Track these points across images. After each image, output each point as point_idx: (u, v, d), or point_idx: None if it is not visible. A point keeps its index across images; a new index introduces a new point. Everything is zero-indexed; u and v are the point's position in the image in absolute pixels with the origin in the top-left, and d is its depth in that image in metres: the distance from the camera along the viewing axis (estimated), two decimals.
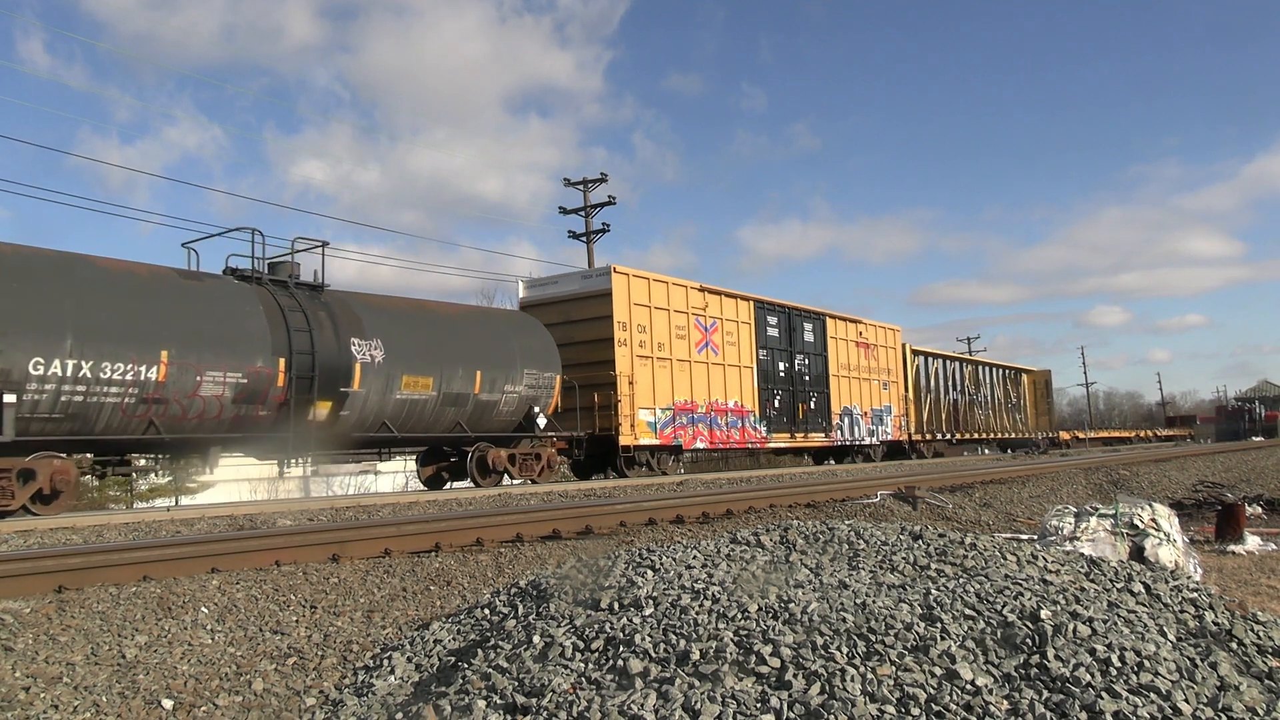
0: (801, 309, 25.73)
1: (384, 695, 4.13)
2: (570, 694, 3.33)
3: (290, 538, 6.88)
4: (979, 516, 11.17)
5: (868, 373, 28.52)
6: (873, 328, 29.40)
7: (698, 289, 21.51)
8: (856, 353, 28.01)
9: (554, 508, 9.84)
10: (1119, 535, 7.03)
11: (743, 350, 22.81)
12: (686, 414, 20.62)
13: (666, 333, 20.29)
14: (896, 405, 30.20)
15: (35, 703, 4.02)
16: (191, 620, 5.06)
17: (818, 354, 26.05)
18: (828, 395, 26.17)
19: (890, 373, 29.95)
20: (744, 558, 4.95)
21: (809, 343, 25.71)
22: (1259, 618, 4.03)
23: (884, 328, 30.06)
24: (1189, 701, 3.01)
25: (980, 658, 3.34)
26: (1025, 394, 44.17)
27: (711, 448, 21.83)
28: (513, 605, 4.77)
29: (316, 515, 10.29)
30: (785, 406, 24.25)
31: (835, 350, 26.82)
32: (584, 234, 35.61)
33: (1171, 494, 15.86)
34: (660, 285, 20.58)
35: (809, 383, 25.46)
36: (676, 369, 20.47)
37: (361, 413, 14.13)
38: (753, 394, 22.99)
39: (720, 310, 22.28)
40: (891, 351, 30.26)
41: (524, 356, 16.90)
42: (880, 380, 29.22)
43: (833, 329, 26.87)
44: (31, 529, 8.81)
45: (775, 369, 24.09)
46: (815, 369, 25.92)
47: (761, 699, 3.11)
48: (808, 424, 25.14)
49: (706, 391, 21.32)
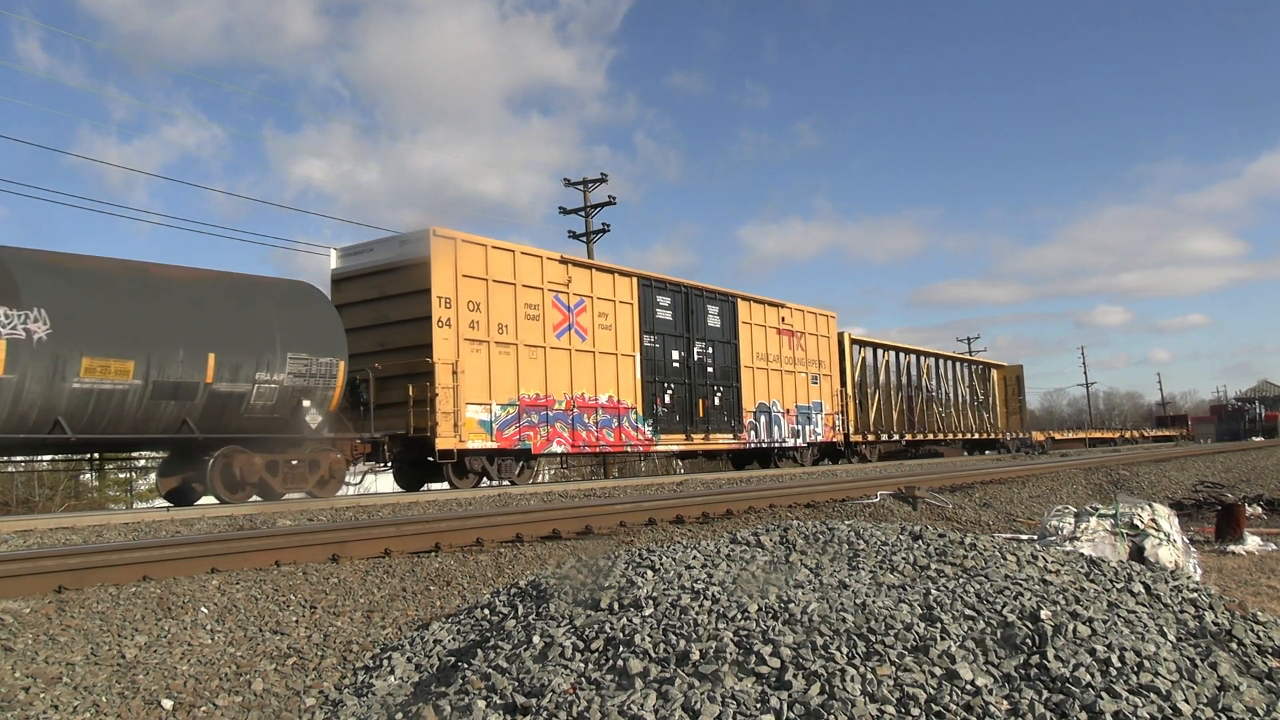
0: (704, 289, 22.21)
1: (384, 695, 4.13)
2: (570, 694, 3.33)
3: (290, 538, 6.88)
4: (979, 516, 11.17)
5: (792, 364, 24.98)
6: (800, 313, 25.84)
7: (558, 260, 18.17)
8: (778, 341, 24.50)
9: (554, 508, 9.84)
10: (1119, 535, 7.03)
11: (621, 335, 19.39)
12: (538, 411, 17.24)
13: (512, 312, 16.92)
14: (829, 402, 26.68)
15: (35, 703, 4.02)
16: (191, 620, 5.06)
17: (726, 342, 22.45)
18: (737, 390, 22.59)
19: (823, 365, 26.46)
20: (744, 558, 4.95)
21: (714, 328, 22.12)
22: (1259, 618, 4.03)
23: (815, 313, 26.60)
24: (1189, 702, 3.01)
25: (980, 658, 3.34)
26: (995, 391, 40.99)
27: (574, 451, 18.46)
28: (513, 605, 4.77)
29: (316, 515, 10.29)
30: (680, 402, 20.80)
31: (749, 338, 23.24)
32: (584, 234, 35.63)
33: (1171, 494, 15.86)
34: (503, 255, 17.06)
35: (713, 375, 21.91)
36: (525, 357, 17.11)
37: (12, 407, 10.72)
38: (634, 387, 19.51)
39: (590, 287, 18.81)
40: (824, 341, 26.77)
41: (288, 336, 13.27)
42: (809, 373, 25.73)
43: (746, 313, 23.30)
44: (31, 529, 8.81)
45: (666, 358, 20.56)
46: (722, 359, 22.34)
47: (761, 699, 3.11)
48: (709, 423, 21.65)
49: (568, 384, 17.96)
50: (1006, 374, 42.29)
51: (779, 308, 24.78)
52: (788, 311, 25.18)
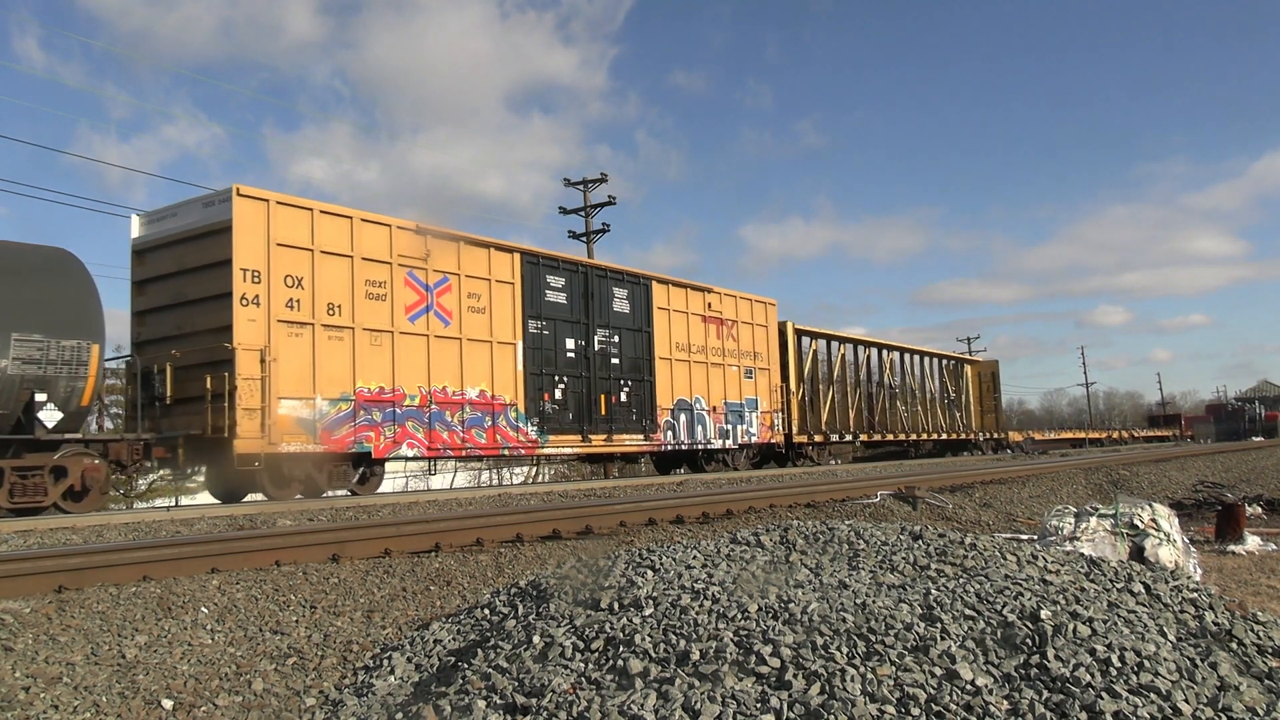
0: (608, 268, 19.70)
1: (384, 695, 4.13)
2: (570, 694, 3.33)
3: (290, 538, 6.88)
4: (979, 516, 11.17)
5: (721, 356, 22.43)
6: (732, 299, 23.20)
7: (413, 230, 15.51)
8: (703, 330, 21.94)
9: (554, 508, 9.84)
10: (1119, 535, 7.03)
11: (499, 320, 16.85)
12: (382, 407, 14.69)
13: (347, 290, 14.36)
14: (767, 399, 23.99)
15: (35, 703, 4.02)
16: (191, 620, 5.06)
17: (636, 330, 19.83)
18: (651, 384, 19.99)
19: (759, 357, 23.84)
20: (744, 558, 4.95)
21: (621, 314, 19.47)
22: (1259, 618, 4.03)
23: (751, 299, 23.97)
24: (1189, 701, 3.01)
25: (980, 658, 3.34)
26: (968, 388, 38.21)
27: (432, 454, 15.81)
28: (513, 605, 4.78)
29: (316, 515, 10.29)
30: (575, 398, 18.24)
31: (666, 325, 20.68)
32: (584, 234, 35.64)
33: (1171, 494, 15.87)
34: (336, 221, 14.37)
35: (619, 368, 19.28)
36: (366, 343, 14.53)
37: None
38: (515, 381, 16.98)
39: (458, 264, 16.26)
40: (762, 331, 24.10)
41: (15, 314, 10.91)
42: (742, 367, 23.11)
43: (662, 297, 20.77)
44: (31, 529, 8.82)
45: (559, 348, 18.04)
46: (632, 349, 19.70)
47: (761, 699, 3.11)
48: (613, 422, 18.98)
49: (425, 375, 15.42)
50: (981, 370, 39.94)
51: (705, 292, 22.26)
52: (716, 297, 22.60)
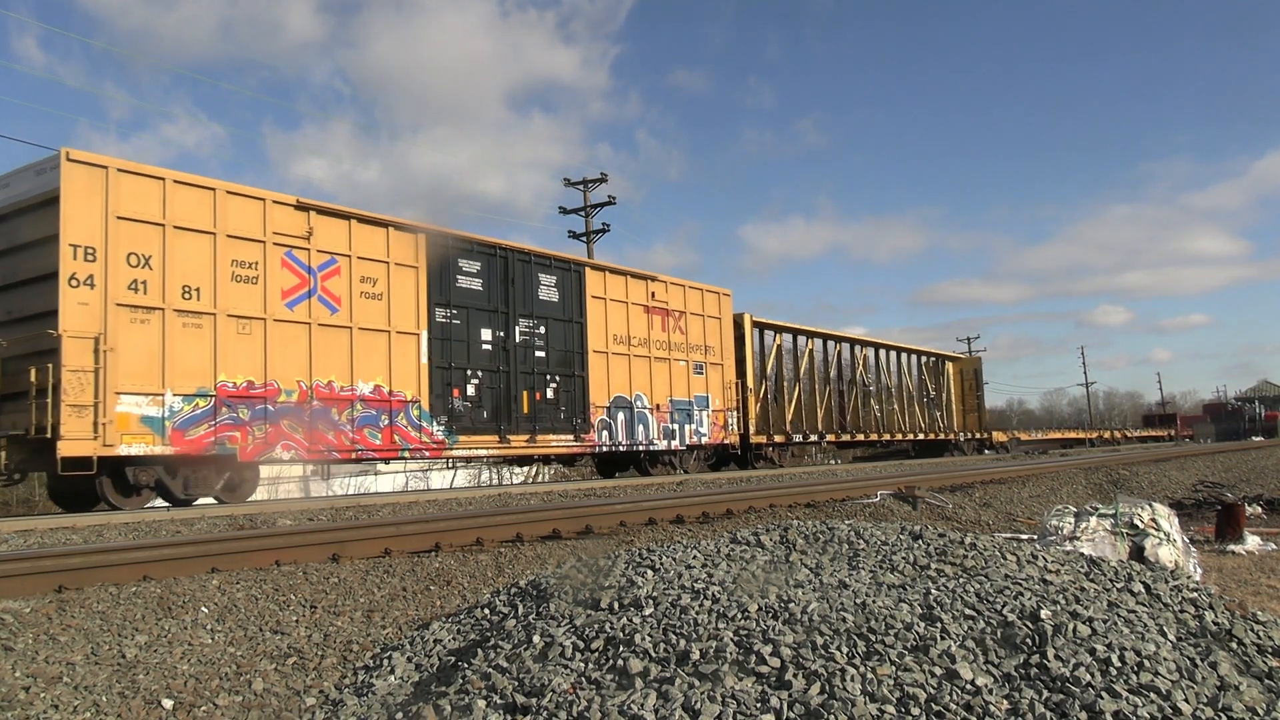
0: (532, 252, 17.89)
1: (384, 695, 4.13)
2: (570, 694, 3.33)
3: (290, 538, 6.88)
4: (979, 516, 11.17)
5: (666, 350, 20.78)
6: (679, 288, 21.50)
7: (293, 206, 13.89)
8: (645, 322, 20.29)
9: (554, 507, 9.84)
10: (1119, 535, 7.03)
11: (400, 308, 15.25)
12: (250, 404, 13.05)
13: (209, 271, 12.74)
14: (720, 396, 22.40)
15: (35, 703, 4.02)
16: (191, 620, 5.06)
17: (567, 320, 18.30)
18: (583, 380, 18.39)
19: (711, 352, 22.25)
20: (744, 557, 4.95)
21: (548, 303, 17.96)
22: (1259, 618, 4.03)
23: (702, 289, 22.35)
24: (1189, 701, 3.01)
25: (980, 657, 3.34)
26: (950, 386, 36.73)
27: (314, 457, 14.08)
28: (513, 605, 4.78)
29: (316, 515, 10.29)
30: (492, 395, 16.66)
31: (602, 316, 19.10)
32: (584, 234, 35.64)
33: (1171, 494, 15.87)
34: (195, 193, 12.76)
35: (545, 361, 17.73)
36: (231, 331, 12.92)
37: None
38: (418, 374, 15.40)
39: (349, 244, 14.61)
40: (714, 323, 22.51)
41: None
42: (691, 361, 21.50)
43: (597, 285, 19.14)
44: (31, 529, 8.82)
45: (473, 339, 16.46)
46: (561, 342, 18.14)
47: (761, 699, 3.11)
48: (538, 421, 17.40)
49: (306, 368, 13.75)
50: (963, 367, 38.22)
51: (648, 281, 20.57)
52: (660, 286, 20.91)
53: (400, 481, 31.38)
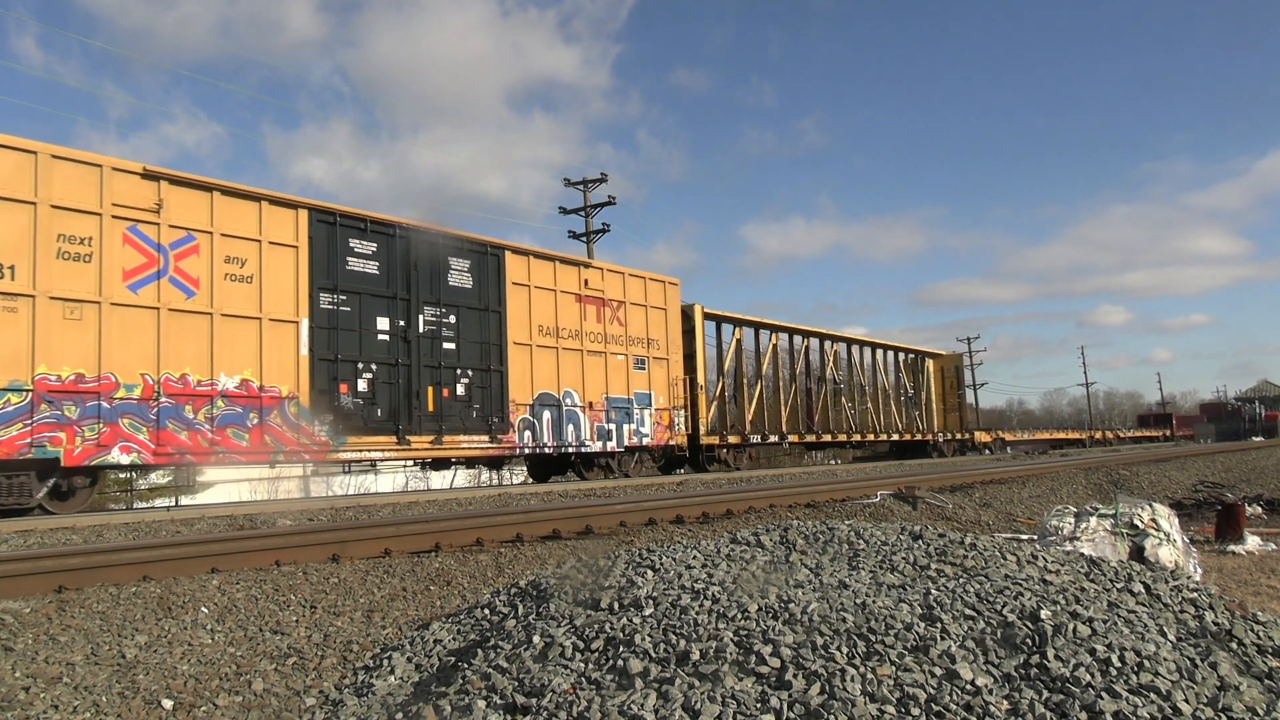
0: (442, 233, 16.36)
1: (384, 695, 4.13)
2: (570, 694, 3.33)
3: (290, 538, 6.88)
4: (979, 516, 11.17)
5: (602, 343, 19.16)
6: (618, 276, 19.85)
7: (139, 174, 12.39)
8: (577, 312, 18.74)
9: (554, 508, 9.84)
10: (1119, 535, 7.03)
11: (275, 293, 13.59)
12: (80, 400, 11.61)
13: (25, 246, 11.28)
14: (665, 393, 20.64)
15: (35, 703, 4.02)
16: (191, 620, 5.06)
17: (482, 309, 16.75)
18: (501, 375, 16.86)
19: (655, 345, 20.56)
20: (744, 558, 4.95)
21: (460, 290, 16.40)
22: (1259, 618, 4.03)
23: (645, 278, 20.61)
24: (1189, 701, 3.01)
25: (980, 658, 3.34)
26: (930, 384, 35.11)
27: (161, 460, 12.36)
28: (513, 605, 4.78)
29: (316, 515, 10.30)
30: (390, 391, 15.09)
31: (525, 305, 17.57)
32: (584, 234, 35.65)
33: (1171, 494, 15.87)
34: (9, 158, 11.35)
35: (455, 355, 16.18)
36: (54, 316, 11.45)
37: None
38: (296, 367, 13.77)
39: (211, 219, 13.07)
40: (659, 314, 20.85)
41: None
42: (632, 356, 19.87)
43: (520, 271, 17.59)
44: (31, 529, 8.82)
45: (366, 328, 14.87)
46: (475, 333, 16.57)
47: (761, 699, 3.11)
48: (445, 420, 15.83)
49: (153, 359, 12.27)
50: (944, 364, 36.39)
51: (580, 267, 19.04)
52: (596, 273, 19.37)
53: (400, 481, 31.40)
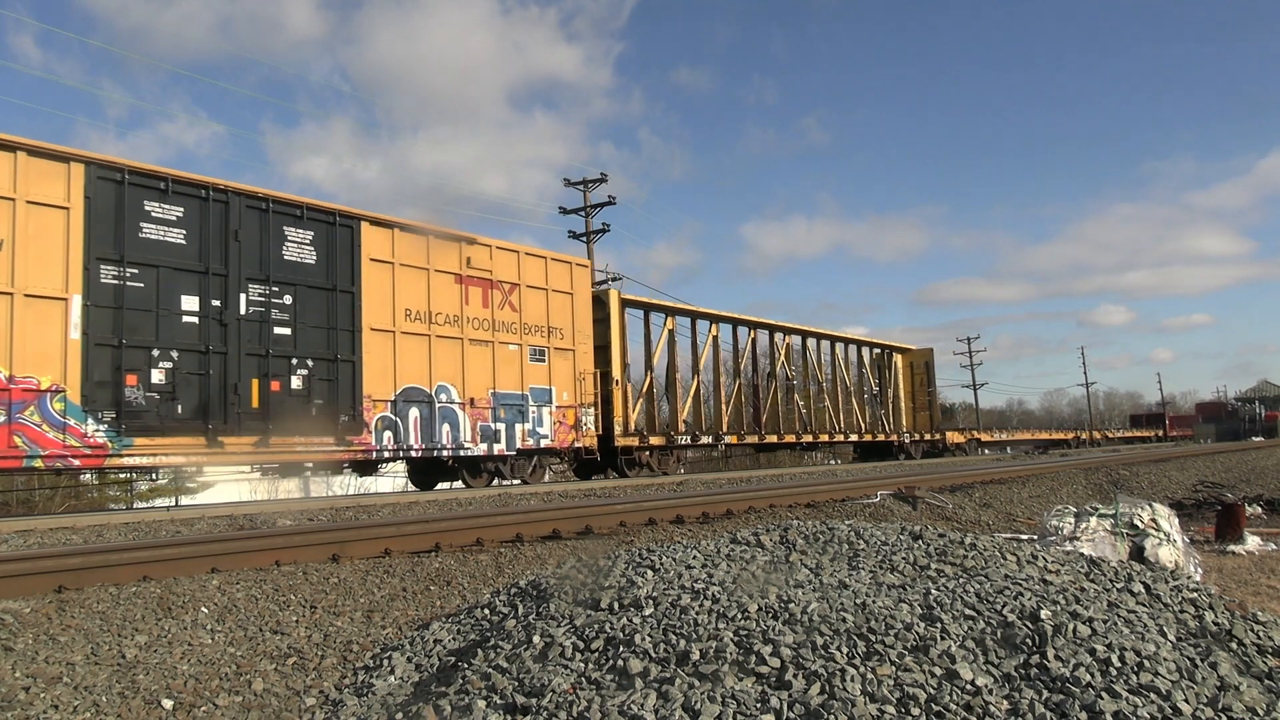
0: (273, 198, 13.83)
1: (384, 695, 4.13)
2: (570, 694, 3.33)
3: (290, 538, 6.88)
4: (979, 516, 11.17)
5: (489, 331, 16.85)
6: (510, 255, 17.47)
7: None
8: (457, 294, 16.36)
9: (554, 508, 9.84)
10: (1119, 535, 7.03)
11: (35, 262, 11.46)
12: None
13: None
14: (570, 389, 18.36)
15: (35, 703, 4.02)
16: (191, 620, 5.06)
17: (329, 289, 14.29)
18: (354, 366, 14.46)
19: (560, 335, 18.26)
20: (744, 558, 4.95)
21: (299, 265, 13.98)
22: (1259, 618, 4.03)
23: (544, 258, 18.26)
24: (1189, 701, 3.01)
25: (980, 658, 3.34)
26: (898, 381, 32.78)
27: None
28: (513, 605, 4.78)
29: (316, 515, 10.30)
30: (200, 384, 12.79)
31: (386, 285, 15.19)
32: (584, 234, 35.65)
33: (1171, 494, 15.88)
34: None
35: (291, 341, 13.75)
36: None
37: None
38: (63, 354, 11.61)
39: None
40: (563, 300, 18.47)
41: None
42: (527, 346, 17.57)
43: (379, 245, 15.13)
44: (31, 529, 8.82)
45: (167, 308, 12.57)
46: (320, 316, 14.14)
47: (761, 699, 3.11)
48: (274, 418, 13.32)
49: None
50: (914, 359, 33.83)
51: (462, 243, 16.60)
52: (482, 251, 16.94)
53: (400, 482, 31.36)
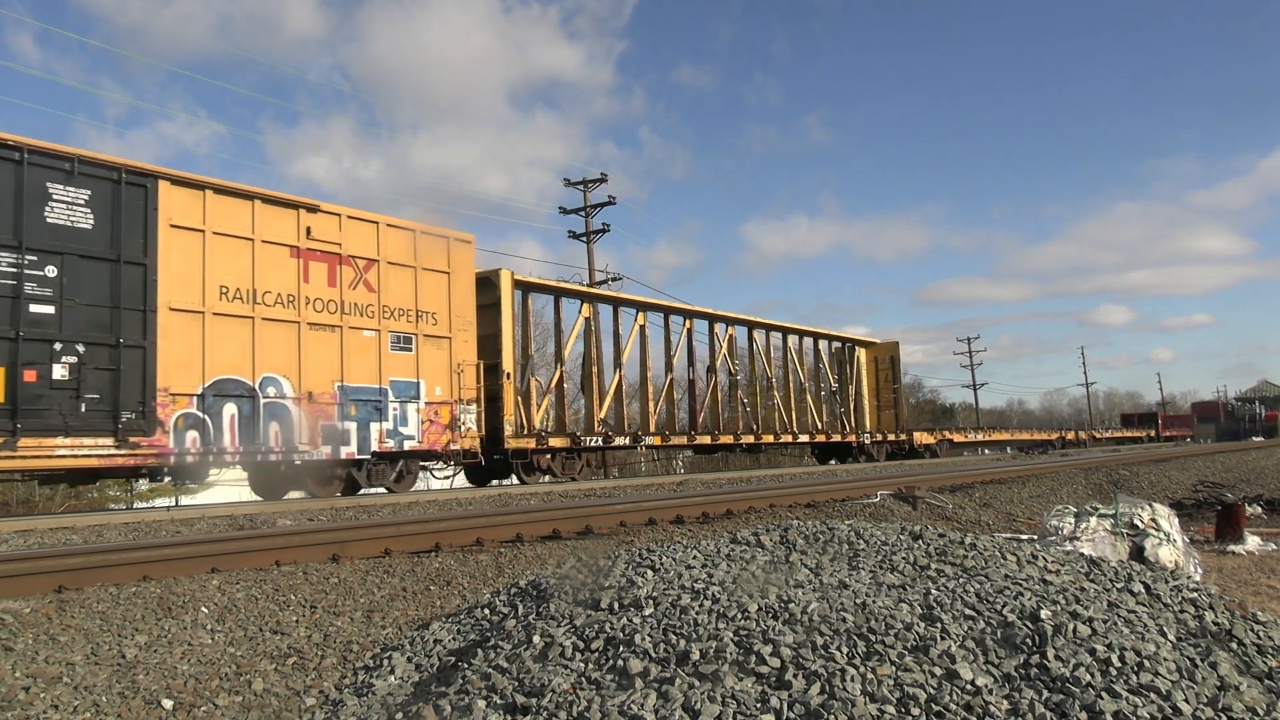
0: (29, 145, 11.61)
1: (384, 695, 4.13)
2: (570, 694, 3.33)
3: (290, 538, 6.88)
4: (979, 516, 11.17)
5: (337, 313, 14.48)
6: (366, 226, 15.13)
7: None
8: (293, 270, 14.09)
9: (554, 508, 9.84)
10: (1119, 535, 7.03)
11: None
12: None
13: None
14: (444, 383, 16.00)
15: (35, 703, 4.02)
16: (191, 620, 5.06)
17: (110, 259, 12.07)
18: (144, 354, 12.29)
19: (433, 320, 15.95)
20: (744, 558, 4.95)
21: (70, 231, 11.77)
22: (1259, 618, 4.03)
23: (411, 230, 15.85)
24: (1189, 701, 3.01)
25: (980, 658, 3.34)
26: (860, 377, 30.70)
27: None
28: (513, 605, 4.78)
29: (316, 515, 10.30)
30: None
31: (195, 256, 12.94)
32: (584, 234, 35.65)
33: (1171, 494, 15.87)
34: None
35: (56, 321, 11.54)
36: None
37: None
38: None
39: None
40: (437, 280, 16.12)
41: None
42: (388, 332, 15.25)
43: (182, 208, 12.88)
44: (31, 529, 8.82)
45: None
46: (96, 292, 11.96)
47: (761, 699, 3.11)
48: (27, 415, 11.19)
49: None
50: (878, 354, 31.41)
51: (302, 210, 14.26)
52: (328, 220, 14.46)
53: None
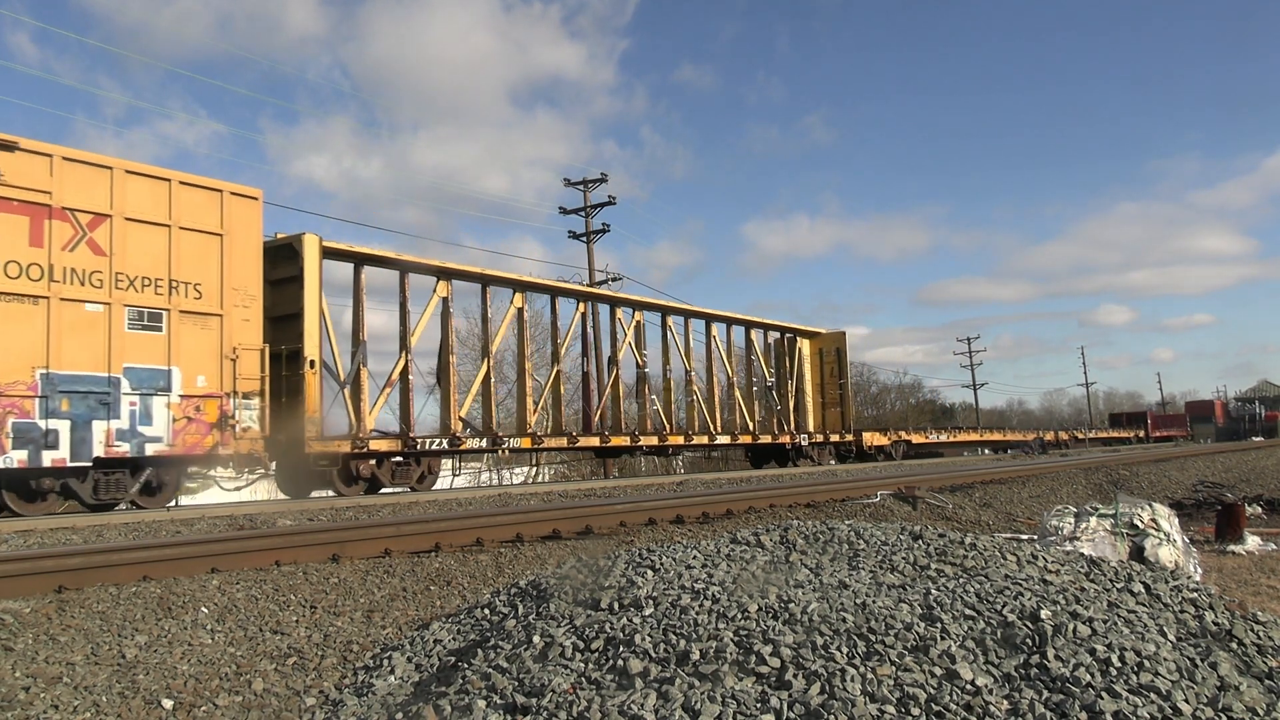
0: None
1: (384, 695, 4.13)
2: (570, 694, 3.33)
3: (290, 538, 6.88)
4: (979, 516, 11.17)
5: (44, 282, 11.50)
6: (96, 172, 12.15)
7: None
8: None
9: (554, 508, 9.84)
10: (1119, 535, 7.03)
11: None
12: None
13: None
14: (210, 372, 13.01)
15: (35, 703, 4.02)
16: (191, 620, 5.06)
17: None
18: None
19: (195, 293, 12.97)
20: (744, 558, 4.95)
21: None
22: (1259, 618, 4.03)
23: (166, 180, 12.84)
24: (1189, 701, 3.01)
25: (980, 658, 3.34)
26: (802, 371, 27.75)
27: None
28: (513, 605, 4.78)
29: (316, 515, 10.30)
30: None
31: None
32: (584, 234, 35.66)
33: (1171, 494, 15.87)
34: None
35: None
36: None
37: None
38: None
39: None
40: (206, 243, 13.19)
41: None
42: (128, 306, 12.29)
43: None
44: (31, 529, 8.82)
45: None
46: None
47: (761, 699, 3.11)
48: None
49: None
50: (823, 345, 28.39)
51: None
52: (31, 162, 11.61)
53: None
